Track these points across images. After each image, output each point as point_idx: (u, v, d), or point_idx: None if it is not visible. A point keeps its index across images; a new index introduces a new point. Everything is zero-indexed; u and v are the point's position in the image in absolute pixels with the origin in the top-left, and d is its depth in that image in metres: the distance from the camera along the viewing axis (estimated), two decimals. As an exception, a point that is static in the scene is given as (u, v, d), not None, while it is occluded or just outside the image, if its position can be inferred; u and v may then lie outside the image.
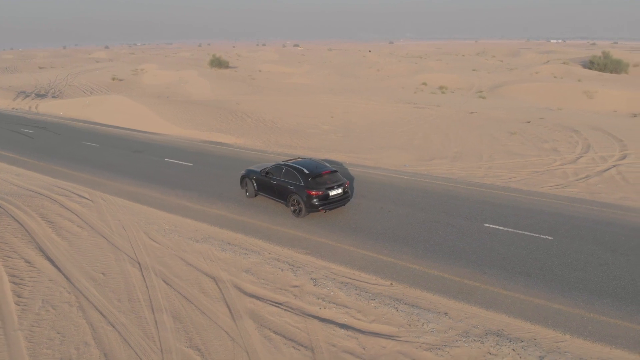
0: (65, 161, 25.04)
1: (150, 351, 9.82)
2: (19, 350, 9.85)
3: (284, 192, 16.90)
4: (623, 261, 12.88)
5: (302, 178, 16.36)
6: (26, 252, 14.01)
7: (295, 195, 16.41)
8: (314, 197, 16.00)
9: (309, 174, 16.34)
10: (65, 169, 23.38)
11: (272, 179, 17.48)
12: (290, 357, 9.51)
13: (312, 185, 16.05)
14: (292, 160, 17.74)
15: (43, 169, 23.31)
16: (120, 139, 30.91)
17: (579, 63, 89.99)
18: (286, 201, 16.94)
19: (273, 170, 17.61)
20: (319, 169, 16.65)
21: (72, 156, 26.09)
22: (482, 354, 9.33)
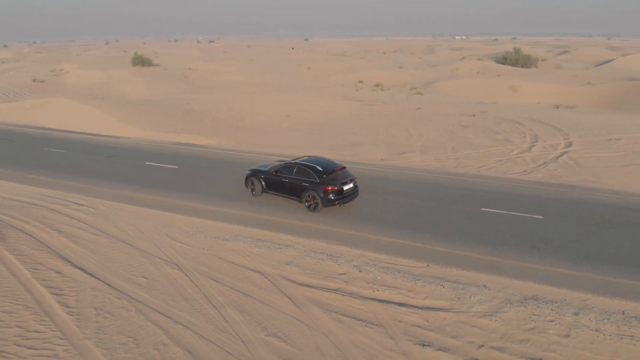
0: (38, 169, 23.73)
1: (231, 343, 10.37)
2: (95, 357, 9.98)
3: (298, 189, 17.72)
4: (606, 233, 15.28)
5: (316, 175, 17.30)
6: (51, 263, 13.70)
7: (310, 191, 17.31)
8: (330, 193, 17.03)
9: (323, 171, 17.33)
10: (42, 177, 22.23)
11: (283, 178, 18.21)
12: (365, 335, 10.53)
13: (327, 181, 17.06)
14: (301, 159, 18.59)
15: (18, 178, 21.99)
16: (84, 144, 29.56)
17: (492, 59, 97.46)
18: (300, 197, 17.77)
19: (284, 169, 18.35)
20: (331, 166, 17.70)
21: (42, 163, 24.74)
22: (528, 316, 10.97)
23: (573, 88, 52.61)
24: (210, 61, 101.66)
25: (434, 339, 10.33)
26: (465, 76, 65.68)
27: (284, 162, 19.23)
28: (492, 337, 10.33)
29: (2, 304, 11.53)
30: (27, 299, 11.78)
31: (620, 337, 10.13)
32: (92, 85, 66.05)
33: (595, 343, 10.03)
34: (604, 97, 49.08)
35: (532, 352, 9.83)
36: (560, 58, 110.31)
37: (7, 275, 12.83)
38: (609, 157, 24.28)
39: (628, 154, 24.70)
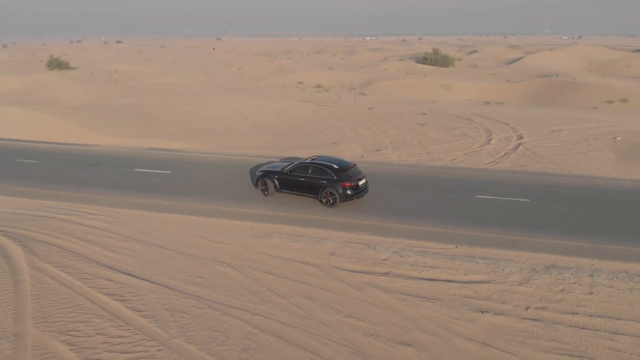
0: (21, 180, 22.63)
1: (314, 326, 11.39)
2: (193, 353, 10.56)
3: (315, 187, 18.85)
4: (584, 210, 18.07)
5: (333, 173, 18.53)
6: (98, 272, 13.75)
7: (328, 188, 18.51)
8: (348, 188, 18.35)
9: (339, 169, 18.60)
10: (31, 189, 21.23)
11: (299, 177, 19.24)
12: (430, 309, 12.03)
13: (344, 178, 18.36)
14: (312, 159, 19.69)
15: (5, 191, 20.88)
16: (53, 153, 28.14)
17: (412, 59, 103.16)
18: (318, 195, 18.89)
19: (298, 169, 19.38)
20: (344, 164, 19.00)
21: (21, 175, 23.42)
22: (555, 280, 13.08)
23: (499, 85, 57.82)
24: (132, 63, 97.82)
25: (487, 306, 12.08)
26: (399, 77, 69.26)
27: (292, 162, 20.29)
28: (533, 300, 12.28)
29: (72, 315, 11.62)
30: (93, 308, 11.93)
31: (631, 290, 12.52)
32: (15, 91, 61.36)
33: (613, 297, 12.31)
34: (527, 93, 54.55)
35: (568, 309, 11.89)
36: (472, 57, 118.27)
37: (59, 287, 12.79)
38: (559, 147, 27.79)
39: (573, 143, 28.39)
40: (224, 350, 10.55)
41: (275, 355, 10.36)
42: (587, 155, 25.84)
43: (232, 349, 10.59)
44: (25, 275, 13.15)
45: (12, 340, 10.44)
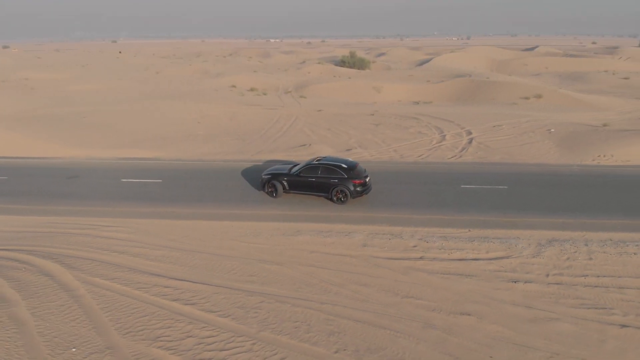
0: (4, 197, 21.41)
1: (380, 308, 12.69)
2: (286, 342, 11.37)
3: (326, 186, 20.06)
4: (556, 192, 21.14)
5: (343, 172, 19.87)
6: (151, 281, 13.91)
7: (339, 186, 19.81)
8: (358, 186, 19.78)
9: (348, 168, 19.99)
10: (20, 206, 20.06)
11: (309, 177, 20.33)
12: (470, 283, 13.87)
13: (354, 176, 19.77)
14: (319, 160, 20.84)
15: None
16: (20, 168, 26.26)
17: (330, 62, 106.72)
18: (328, 193, 20.12)
19: (308, 170, 20.47)
20: (351, 163, 20.39)
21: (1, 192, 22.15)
22: (559, 251, 15.56)
23: (424, 86, 62.18)
24: (40, 70, 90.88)
25: (516, 277, 14.20)
26: (329, 79, 71.56)
27: (295, 164, 21.63)
28: (549, 268, 14.63)
29: (153, 322, 11.93)
30: (167, 314, 12.28)
31: (620, 254, 15.34)
32: None
33: (609, 260, 15.04)
34: (451, 92, 59.26)
35: (578, 272, 14.37)
36: (382, 59, 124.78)
37: (122, 298, 12.90)
38: (505, 140, 31.32)
39: (516, 136, 32.12)
40: (312, 336, 11.55)
41: (361, 335, 11.57)
42: (533, 146, 29.56)
43: (319, 334, 11.63)
44: (81, 290, 13.06)
45: (110, 353, 10.64)
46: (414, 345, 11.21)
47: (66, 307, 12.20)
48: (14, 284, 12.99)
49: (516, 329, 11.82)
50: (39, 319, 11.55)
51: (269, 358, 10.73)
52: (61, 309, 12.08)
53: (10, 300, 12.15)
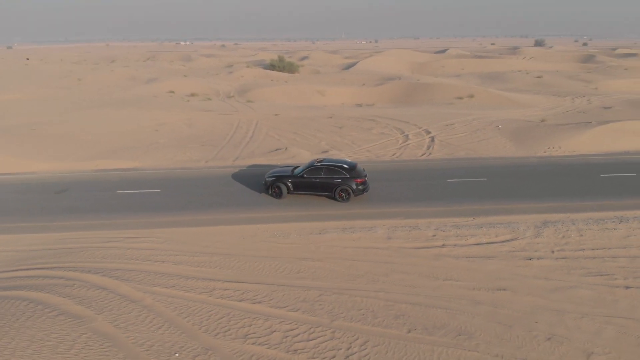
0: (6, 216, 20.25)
1: (428, 291, 14.26)
2: (362, 328, 12.66)
3: (330, 186, 21.37)
4: (530, 182, 24.03)
5: (345, 172, 21.20)
6: (208, 285, 14.36)
7: (342, 186, 21.15)
8: (359, 184, 21.18)
9: (350, 168, 21.31)
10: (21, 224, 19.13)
11: (313, 178, 21.47)
12: (493, 263, 15.80)
13: (355, 175, 21.18)
14: (321, 161, 22.12)
15: None
16: None
17: (258, 66, 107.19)
18: (332, 192, 21.39)
19: (311, 172, 21.61)
20: (351, 163, 21.79)
21: None
22: (554, 231, 18.07)
23: (364, 89, 64.91)
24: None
25: (528, 254, 16.43)
26: (269, 84, 71.94)
27: (296, 166, 22.82)
28: (552, 245, 17.04)
29: (233, 322, 12.54)
30: (239, 314, 12.90)
31: (602, 230, 18.17)
32: None
33: (596, 235, 17.77)
34: (390, 95, 62.34)
35: (576, 247, 16.90)
36: (307, 63, 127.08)
37: (191, 303, 13.30)
38: (462, 137, 34.28)
39: (470, 133, 35.22)
40: (381, 321, 12.84)
41: (422, 316, 13.05)
42: (490, 141, 32.77)
43: (386, 319, 12.94)
44: (147, 300, 13.29)
45: (212, 353, 11.21)
46: (470, 319, 12.88)
47: (143, 316, 12.44)
48: (78, 301, 12.92)
49: (546, 297, 13.92)
50: (125, 330, 11.75)
51: (354, 342, 11.86)
52: (140, 318, 12.31)
53: (84, 317, 12.16)
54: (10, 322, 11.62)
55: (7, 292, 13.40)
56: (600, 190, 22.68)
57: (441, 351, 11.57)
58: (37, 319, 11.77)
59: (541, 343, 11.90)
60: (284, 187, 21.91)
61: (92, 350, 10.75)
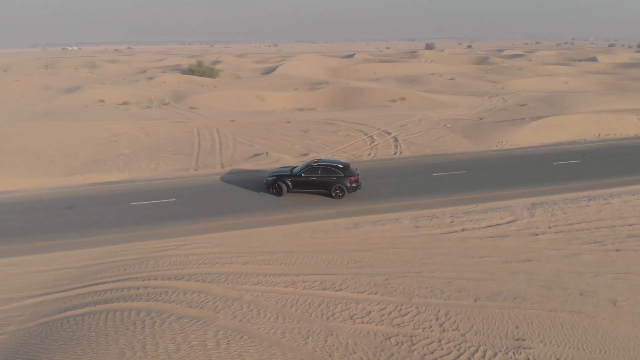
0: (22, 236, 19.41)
1: (469, 267, 16.88)
2: (434, 301, 14.91)
3: (325, 184, 23.62)
4: (502, 171, 27.84)
5: (340, 171, 23.53)
6: (286, 279, 15.72)
7: (337, 184, 23.45)
8: (353, 182, 23.56)
9: (344, 168, 23.66)
10: (59, 241, 18.78)
11: (310, 177, 23.66)
12: (510, 241, 18.86)
13: (349, 174, 23.52)
14: (316, 161, 24.25)
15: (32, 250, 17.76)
16: None
17: (175, 71, 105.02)
18: (327, 190, 23.64)
19: (309, 171, 23.85)
20: (345, 163, 24.18)
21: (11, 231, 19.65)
22: (543, 211, 21.64)
23: (302, 94, 66.85)
24: None
25: (533, 231, 19.73)
26: (205, 90, 70.25)
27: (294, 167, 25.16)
28: (547, 222, 20.53)
29: (329, 308, 14.15)
30: (330, 300, 14.54)
31: (579, 207, 22.09)
32: None
33: (576, 212, 21.58)
34: (328, 99, 64.67)
35: (565, 222, 20.49)
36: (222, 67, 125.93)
37: (284, 296, 14.64)
38: (420, 136, 37.68)
39: (425, 132, 38.72)
40: (449, 295, 15.17)
41: (478, 287, 15.58)
42: (446, 139, 36.55)
43: (452, 293, 15.31)
44: (246, 296, 14.38)
45: (337, 334, 12.79)
46: (515, 286, 15.66)
47: (255, 311, 13.58)
48: (186, 304, 13.66)
49: (562, 263, 17.17)
50: (251, 323, 12.87)
51: (437, 314, 14.04)
52: (254, 312, 13.45)
53: (204, 317, 13.01)
54: (139, 330, 12.20)
55: (106, 305, 13.72)
56: (560, 176, 27.11)
57: (508, 312, 14.13)
58: (163, 324, 12.45)
59: (577, 297, 14.96)
60: (284, 185, 23.84)
61: (238, 343, 11.80)
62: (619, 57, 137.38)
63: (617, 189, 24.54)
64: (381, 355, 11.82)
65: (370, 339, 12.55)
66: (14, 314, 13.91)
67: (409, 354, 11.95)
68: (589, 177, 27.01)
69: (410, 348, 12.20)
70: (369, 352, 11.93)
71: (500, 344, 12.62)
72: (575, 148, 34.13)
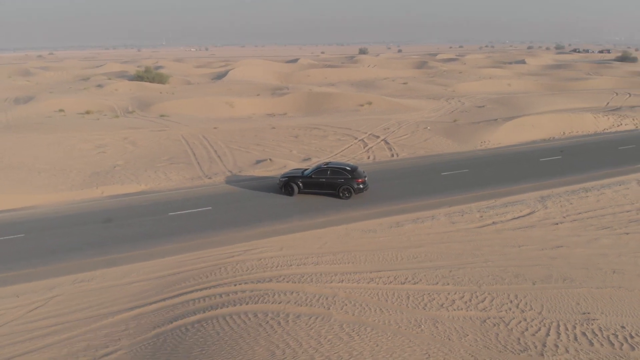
0: (71, 252, 19.20)
1: (514, 256, 18.95)
2: (514, 286, 16.78)
3: (333, 185, 25.28)
4: (500, 168, 30.43)
5: (348, 173, 25.21)
6: (365, 276, 16.93)
7: (345, 185, 25.08)
8: (360, 184, 25.21)
9: (351, 170, 25.31)
10: (124, 254, 18.66)
11: (320, 178, 25.36)
12: (537, 230, 21.17)
13: (357, 176, 25.19)
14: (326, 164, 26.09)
15: (100, 263, 17.59)
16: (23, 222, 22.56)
17: (121, 78, 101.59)
18: (335, 191, 25.25)
19: (318, 173, 25.58)
20: (352, 165, 25.97)
21: (65, 246, 19.16)
22: (553, 202, 24.24)
23: (270, 100, 67.07)
24: None
25: (553, 221, 22.20)
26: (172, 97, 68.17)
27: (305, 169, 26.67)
28: (560, 213, 23.11)
29: (424, 299, 15.64)
30: (417, 293, 16.05)
31: (580, 198, 24.95)
32: None
33: (580, 202, 24.39)
34: (297, 104, 65.02)
35: (575, 212, 23.18)
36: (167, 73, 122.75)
37: (372, 291, 15.89)
38: (407, 138, 39.74)
39: (411, 135, 40.81)
40: (510, 280, 17.08)
41: (530, 272, 17.60)
42: (432, 140, 38.97)
43: (509, 278, 17.23)
44: (341, 293, 15.49)
45: (442, 320, 14.25)
46: (560, 269, 17.87)
47: (358, 305, 14.74)
48: (294, 304, 14.54)
49: (588, 247, 19.67)
50: (366, 316, 14.01)
51: (509, 298, 15.85)
52: (358, 307, 14.59)
53: (321, 314, 13.98)
54: (270, 331, 12.97)
55: (216, 311, 14.32)
56: (550, 171, 30.20)
57: (564, 292, 16.23)
58: (288, 323, 13.34)
59: (612, 275, 17.38)
60: (296, 186, 25.46)
61: (368, 335, 12.89)
62: (544, 59, 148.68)
63: (605, 181, 27.89)
64: (489, 335, 13.36)
65: (469, 322, 14.09)
66: (117, 328, 14.09)
67: (509, 332, 13.62)
68: (576, 171, 30.30)
69: (507, 328, 13.87)
70: (477, 332, 13.43)
71: (572, 318, 14.59)
72: (550, 145, 37.80)
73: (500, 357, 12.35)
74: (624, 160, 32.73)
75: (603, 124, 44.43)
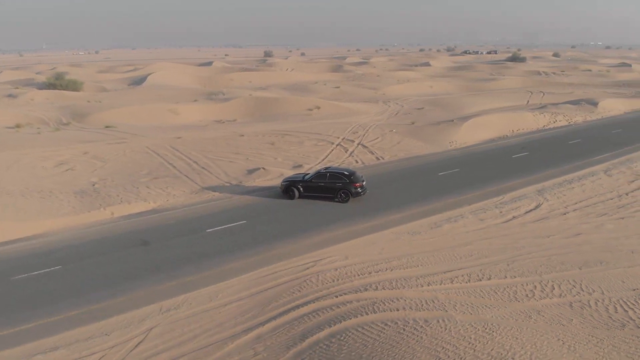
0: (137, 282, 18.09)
1: (547, 245, 21.32)
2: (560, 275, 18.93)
3: (332, 189, 26.53)
4: (487, 165, 33.16)
5: (346, 178, 26.52)
6: (444, 277, 18.08)
7: (343, 189, 26.36)
8: (358, 188, 26.63)
9: (350, 174, 26.70)
10: (190, 277, 17.77)
11: (319, 183, 26.59)
12: (552, 222, 23.86)
13: (355, 180, 26.58)
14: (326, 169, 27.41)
15: (174, 289, 16.62)
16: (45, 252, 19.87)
17: (29, 86, 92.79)
18: (333, 195, 26.47)
19: (318, 177, 26.86)
20: (351, 170, 27.46)
21: (110, 279, 17.81)
22: (551, 195, 27.27)
23: (215, 106, 64.28)
24: None
25: (560, 212, 25.09)
26: (107, 106, 62.99)
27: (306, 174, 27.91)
28: (561, 204, 26.11)
29: (487, 297, 17.18)
30: (484, 290, 17.58)
31: (570, 189, 28.27)
32: None
33: (572, 193, 27.65)
34: (244, 110, 63.14)
35: (572, 202, 26.36)
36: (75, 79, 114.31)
37: (460, 290, 17.12)
38: (380, 142, 41.29)
39: (381, 137, 42.53)
40: (560, 268, 19.29)
41: (569, 259, 20.01)
42: (404, 142, 41.06)
43: (559, 265, 19.49)
44: (440, 296, 16.50)
45: (540, 311, 15.86)
46: (589, 254, 20.51)
47: (459, 304, 15.85)
48: (413, 309, 15.29)
49: (600, 233, 22.70)
50: (477, 313, 15.15)
51: (570, 283, 18.00)
52: (460, 306, 15.71)
53: (442, 317, 14.88)
54: (416, 339, 13.59)
55: (342, 324, 14.59)
56: (528, 166, 33.79)
57: (606, 273, 18.77)
58: (427, 329, 14.05)
59: (632, 255, 20.41)
60: (296, 190, 26.65)
61: (509, 331, 14.00)
62: (444, 61, 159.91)
63: (578, 173, 32.03)
64: (586, 316, 15.18)
65: (562, 308, 15.95)
66: (247, 354, 13.75)
67: (598, 312, 15.61)
68: (549, 165, 34.20)
69: (591, 309, 15.84)
70: (576, 316, 15.20)
71: (626, 294, 17.03)
72: (510, 143, 41.89)
73: (611, 334, 14.17)
74: (580, 153, 37.56)
75: (542, 121, 50.01)
